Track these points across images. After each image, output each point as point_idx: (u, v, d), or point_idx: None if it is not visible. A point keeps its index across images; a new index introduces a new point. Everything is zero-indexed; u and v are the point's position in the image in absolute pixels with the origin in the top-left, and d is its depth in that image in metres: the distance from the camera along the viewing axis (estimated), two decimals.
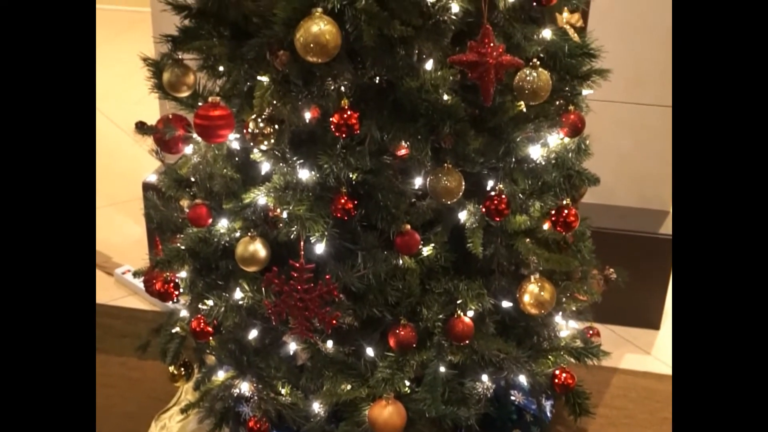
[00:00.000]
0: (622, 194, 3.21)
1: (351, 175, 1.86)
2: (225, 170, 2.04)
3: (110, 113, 4.86)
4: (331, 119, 1.77)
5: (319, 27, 1.66)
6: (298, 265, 1.88)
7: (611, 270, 2.34)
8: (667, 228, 3.12)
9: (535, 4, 1.88)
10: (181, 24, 1.97)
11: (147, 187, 3.16)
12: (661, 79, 3.04)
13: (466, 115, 1.86)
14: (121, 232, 3.73)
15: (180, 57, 1.97)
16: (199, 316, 2.13)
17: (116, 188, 4.04)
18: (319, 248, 1.91)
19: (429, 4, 1.75)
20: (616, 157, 3.15)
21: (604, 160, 3.11)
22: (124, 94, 5.07)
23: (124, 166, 4.24)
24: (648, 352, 3.06)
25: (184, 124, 2.09)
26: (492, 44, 1.73)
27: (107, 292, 3.29)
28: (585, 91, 2.03)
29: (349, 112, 1.76)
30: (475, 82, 1.77)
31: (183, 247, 2.13)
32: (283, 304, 1.92)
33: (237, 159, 2.07)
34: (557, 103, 2.00)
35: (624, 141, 3.15)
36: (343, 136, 1.77)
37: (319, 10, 1.67)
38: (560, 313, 2.27)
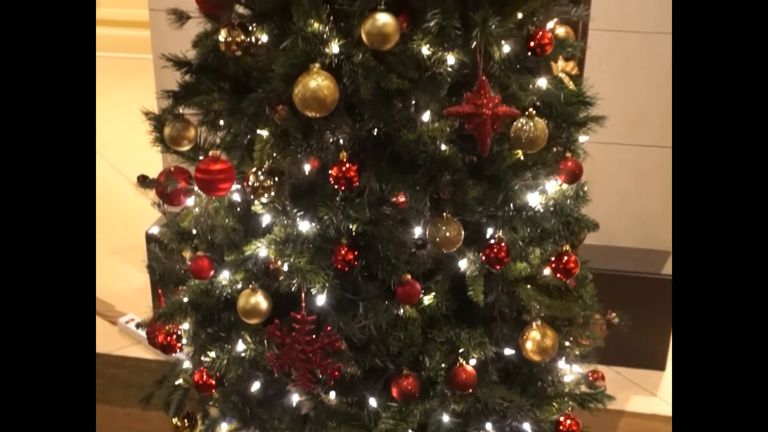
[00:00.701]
0: (623, 235, 3.22)
1: (351, 226, 1.87)
2: (227, 220, 2.06)
3: (114, 161, 4.90)
4: (330, 172, 1.79)
5: (317, 82, 1.68)
6: (299, 317, 1.89)
7: (614, 314, 2.34)
8: (669, 268, 3.13)
9: (530, 54, 1.90)
10: (182, 79, 2.00)
11: (150, 238, 3.18)
12: (660, 120, 3.06)
13: (464, 164, 1.88)
14: (124, 280, 3.74)
15: (181, 112, 2.00)
16: (201, 368, 2.13)
17: (119, 236, 4.06)
18: (321, 299, 1.91)
19: (425, 56, 1.78)
20: (617, 197, 3.17)
21: (605, 200, 3.13)
22: (127, 141, 5.11)
23: (127, 213, 4.27)
24: (654, 394, 3.05)
25: (185, 177, 2.11)
26: (488, 95, 1.75)
27: (111, 342, 3.29)
28: (582, 138, 2.05)
29: (347, 165, 1.77)
30: (472, 132, 1.79)
31: (185, 299, 2.13)
32: (286, 356, 1.92)
33: (239, 209, 2.09)
34: (555, 150, 2.02)
35: (625, 182, 3.17)
36: (342, 188, 1.79)
37: (317, 65, 1.70)
38: (563, 358, 2.26)
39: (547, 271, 2.04)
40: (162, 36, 2.29)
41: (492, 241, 1.92)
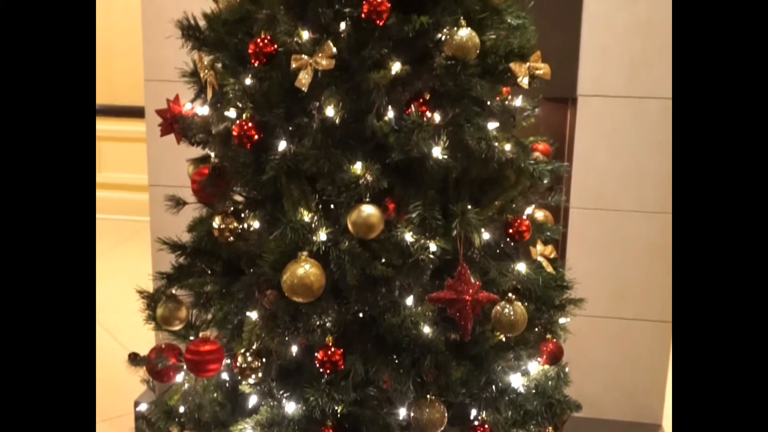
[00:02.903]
0: (612, 408, 3.22)
1: (336, 408, 1.90)
2: (215, 395, 2.09)
3: (108, 323, 4.92)
4: (316, 355, 1.84)
5: (304, 270, 1.77)
6: None
7: None
8: None
9: (508, 240, 2.00)
10: (176, 261, 2.08)
11: (138, 415, 3.17)
12: (642, 294, 3.14)
13: (448, 346, 1.93)
14: None
15: (174, 292, 2.07)
16: None
17: (108, 403, 4.03)
18: None
19: (408, 243, 1.87)
20: (605, 370, 3.19)
21: (592, 373, 3.16)
22: (123, 304, 5.15)
23: (117, 380, 4.25)
24: None
25: (176, 353, 2.16)
26: (468, 282, 1.83)
27: None
28: (562, 320, 2.11)
29: (333, 349, 1.83)
30: (454, 317, 1.85)
31: None
32: None
33: (227, 386, 2.12)
34: (536, 330, 2.07)
35: (612, 354, 3.21)
36: (327, 372, 1.83)
37: (305, 253, 1.78)
38: None
39: None
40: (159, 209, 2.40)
41: (476, 423, 1.95)
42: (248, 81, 1.88)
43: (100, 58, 6.36)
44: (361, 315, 1.94)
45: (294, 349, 1.94)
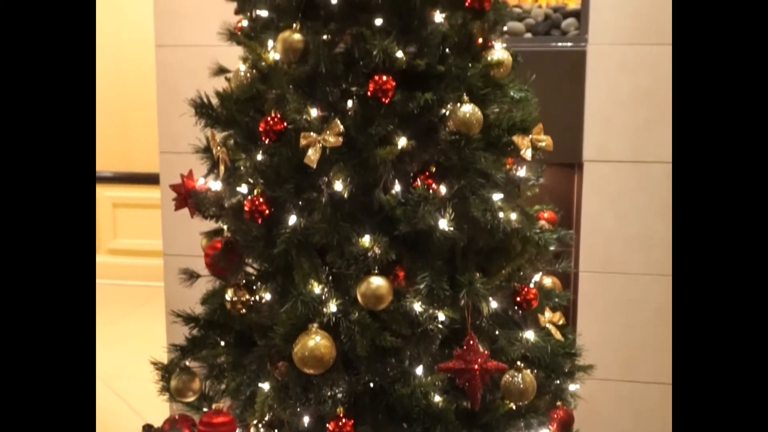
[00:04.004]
0: None
1: None
2: None
3: (121, 390, 4.93)
4: (327, 426, 1.86)
5: (315, 341, 1.80)
6: None
7: None
8: None
9: (516, 308, 2.03)
10: (190, 333, 2.12)
11: None
12: (654, 356, 3.14)
13: (458, 415, 1.94)
14: None
15: (187, 364, 2.10)
16: None
17: None
18: None
19: (417, 313, 1.90)
20: None
21: None
22: (136, 371, 5.17)
23: None
24: None
25: (189, 425, 2.18)
26: (477, 351, 1.86)
27: None
28: (572, 387, 2.12)
29: (344, 420, 1.84)
30: (463, 386, 1.87)
31: None
32: None
33: None
34: (546, 397, 2.09)
35: (624, 419, 3.20)
36: None
37: (315, 325, 1.82)
38: None
39: None
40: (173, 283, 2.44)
41: None
42: (259, 157, 1.94)
43: (117, 128, 6.50)
44: (371, 385, 1.96)
45: (306, 419, 1.96)
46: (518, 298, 2.02)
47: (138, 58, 6.06)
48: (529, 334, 2.04)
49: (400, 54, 1.83)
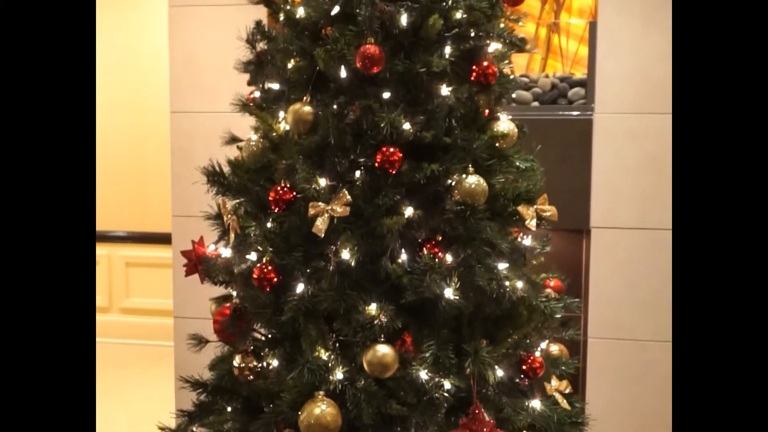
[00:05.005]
0: None
1: None
2: None
3: None
4: None
5: (321, 410, 1.81)
6: None
7: None
8: None
9: (522, 377, 2.03)
10: (197, 399, 2.13)
11: None
12: (665, 421, 3.11)
13: None
14: None
15: (195, 430, 2.11)
16: None
17: None
18: None
19: (423, 381, 1.90)
20: None
21: None
22: None
23: None
24: None
25: None
26: (482, 421, 1.86)
27: None
28: None
29: None
30: None
31: None
32: None
33: None
34: None
35: None
36: None
37: (321, 393, 1.83)
38: None
39: None
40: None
41: None
42: (269, 225, 1.98)
43: (131, 189, 6.59)
44: None
45: None
46: (524, 367, 2.03)
47: (154, 124, 6.18)
48: (536, 403, 2.05)
49: (407, 126, 1.88)
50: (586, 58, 3.22)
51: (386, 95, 1.91)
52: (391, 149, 1.85)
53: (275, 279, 1.91)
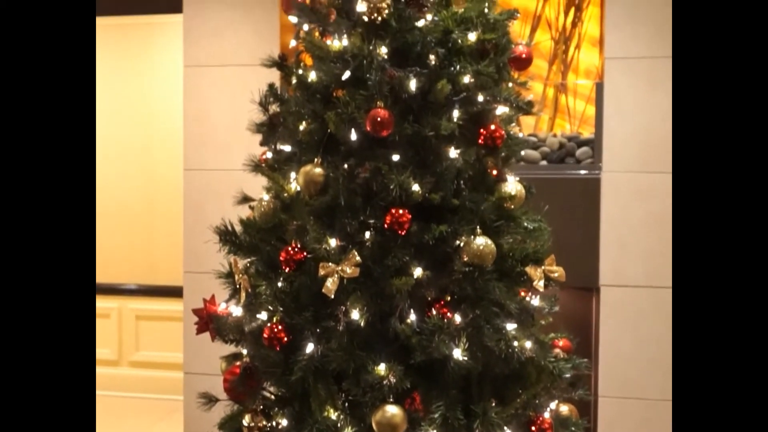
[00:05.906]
0: None
1: None
2: None
3: None
4: None
5: None
6: None
7: None
8: None
9: None
10: None
11: None
12: None
13: None
14: None
15: None
16: None
17: None
18: None
19: None
20: None
21: None
22: None
23: None
24: None
25: None
26: None
27: None
28: None
29: None
30: None
31: None
32: None
33: None
34: None
35: None
36: None
37: None
38: None
39: None
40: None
41: None
42: (279, 284, 2.00)
43: (142, 242, 6.63)
44: None
45: None
46: (533, 428, 2.02)
47: (167, 178, 6.25)
48: None
49: (416, 188, 1.91)
50: (593, 117, 3.27)
51: (395, 157, 1.95)
52: (401, 211, 1.88)
53: (285, 338, 1.93)
